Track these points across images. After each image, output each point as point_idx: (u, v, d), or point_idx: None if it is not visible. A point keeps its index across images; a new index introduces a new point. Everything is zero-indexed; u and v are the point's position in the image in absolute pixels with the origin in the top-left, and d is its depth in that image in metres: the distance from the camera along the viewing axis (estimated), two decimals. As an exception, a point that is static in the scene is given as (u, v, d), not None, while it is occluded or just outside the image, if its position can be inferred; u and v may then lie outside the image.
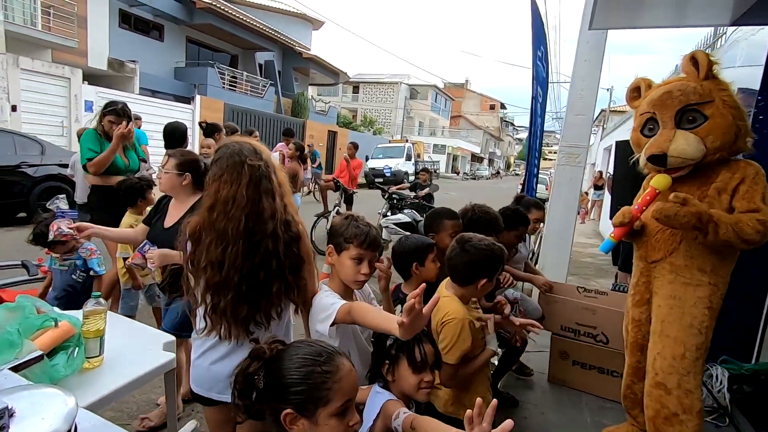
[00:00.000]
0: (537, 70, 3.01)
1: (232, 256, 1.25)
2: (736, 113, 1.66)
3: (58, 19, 10.29)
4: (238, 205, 1.25)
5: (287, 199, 1.36)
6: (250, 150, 1.32)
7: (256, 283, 1.27)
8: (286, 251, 1.29)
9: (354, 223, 1.41)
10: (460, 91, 47.95)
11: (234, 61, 18.50)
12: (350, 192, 6.47)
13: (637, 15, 3.46)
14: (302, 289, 1.37)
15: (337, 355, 0.97)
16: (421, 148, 25.74)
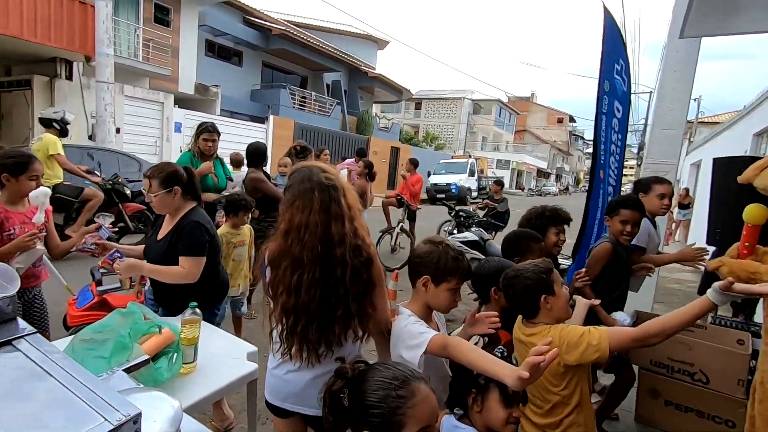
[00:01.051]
0: (614, 84, 2.83)
1: (307, 282, 1.27)
2: None
3: (156, 51, 11.56)
4: (311, 231, 1.27)
5: (357, 222, 1.35)
6: (320, 175, 1.32)
7: (327, 307, 1.29)
8: (353, 277, 1.29)
9: (451, 254, 1.39)
10: (525, 105, 46.63)
11: (304, 82, 19.55)
12: (413, 208, 6.48)
13: (733, 20, 3.17)
14: (369, 315, 1.35)
15: (415, 380, 0.95)
16: (485, 163, 25.24)
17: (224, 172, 3.24)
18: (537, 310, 1.48)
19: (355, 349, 1.43)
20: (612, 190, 2.99)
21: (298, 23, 19.59)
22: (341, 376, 1.01)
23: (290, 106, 16.43)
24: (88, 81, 8.88)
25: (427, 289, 1.41)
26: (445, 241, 1.50)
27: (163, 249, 1.97)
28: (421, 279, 1.41)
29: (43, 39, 7.71)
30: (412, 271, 1.47)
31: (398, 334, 1.37)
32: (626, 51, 3.01)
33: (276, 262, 1.33)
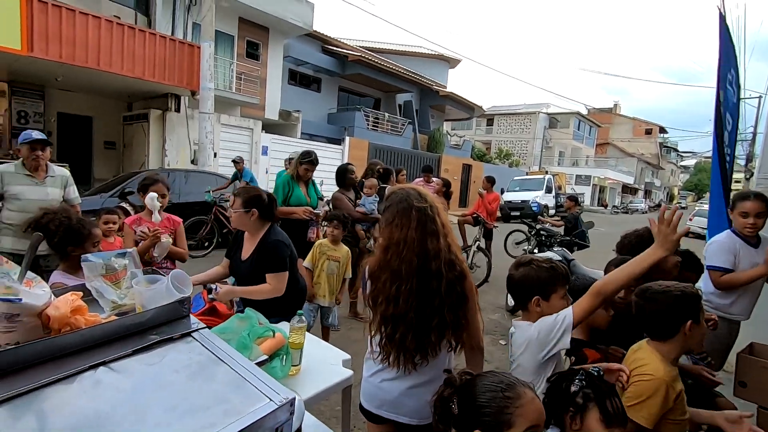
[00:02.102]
0: (726, 95, 2.62)
1: (405, 293, 1.37)
2: None
3: (246, 82, 12.78)
4: (408, 247, 1.39)
5: (450, 239, 1.45)
6: (416, 196, 1.45)
7: (424, 317, 1.38)
8: (448, 289, 1.37)
9: (544, 267, 1.48)
10: (607, 117, 43.74)
11: (377, 103, 20.26)
12: (490, 226, 6.39)
13: None
14: (463, 326, 1.43)
15: (519, 385, 1.01)
16: (563, 179, 23.95)
17: (316, 192, 3.55)
18: (674, 333, 1.40)
19: (447, 359, 1.50)
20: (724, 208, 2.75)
21: (372, 48, 20.48)
22: (450, 384, 1.07)
23: (364, 127, 17.09)
24: (192, 112, 10.06)
25: (541, 308, 1.48)
26: (532, 259, 1.57)
27: (250, 268, 2.22)
28: (532, 301, 1.49)
29: (160, 78, 8.92)
30: (519, 297, 1.55)
31: (538, 337, 1.41)
32: (737, 59, 2.79)
33: (376, 274, 1.45)
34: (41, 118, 10.15)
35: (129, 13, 9.83)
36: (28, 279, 0.82)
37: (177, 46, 9.20)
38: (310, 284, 3.09)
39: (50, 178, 2.91)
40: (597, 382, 1.17)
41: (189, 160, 10.10)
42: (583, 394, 1.16)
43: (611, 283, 1.34)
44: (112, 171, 10.69)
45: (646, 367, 1.38)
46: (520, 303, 1.55)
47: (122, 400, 0.62)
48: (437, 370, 1.41)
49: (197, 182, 7.37)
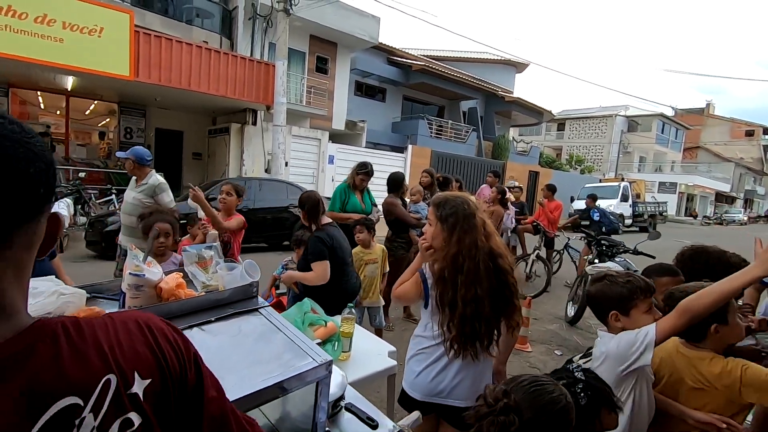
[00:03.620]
0: None
1: (484, 292, 1.52)
2: None
3: (316, 95, 13.60)
4: (481, 250, 1.54)
5: (498, 238, 1.66)
6: (472, 203, 1.63)
7: (498, 310, 1.58)
8: (511, 280, 1.58)
9: (620, 281, 1.50)
10: (697, 118, 39.74)
11: (441, 111, 20.37)
12: (551, 235, 6.25)
13: None
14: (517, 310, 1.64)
15: (556, 384, 1.07)
16: (642, 186, 22.17)
17: (370, 199, 3.83)
18: (704, 335, 1.45)
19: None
20: None
21: (436, 56, 20.67)
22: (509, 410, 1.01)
23: (427, 135, 17.28)
24: (266, 125, 10.94)
25: (622, 323, 1.48)
26: (607, 274, 1.59)
27: (303, 258, 2.74)
28: (610, 316, 1.50)
29: (240, 95, 9.86)
30: (598, 313, 1.57)
31: (608, 353, 1.44)
32: None
33: (447, 278, 1.56)
34: (143, 133, 11.64)
35: (215, 38, 10.98)
36: (149, 261, 1.13)
37: (255, 65, 10.11)
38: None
39: (143, 185, 3.48)
40: (594, 383, 1.24)
41: (263, 169, 10.98)
42: (591, 402, 1.22)
43: (701, 299, 1.29)
44: (198, 179, 11.93)
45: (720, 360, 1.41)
46: (601, 318, 1.56)
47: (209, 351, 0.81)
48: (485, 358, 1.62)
49: (270, 189, 8.04)
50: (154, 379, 0.53)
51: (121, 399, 0.49)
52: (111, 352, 0.50)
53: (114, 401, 0.48)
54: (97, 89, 9.83)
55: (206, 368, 0.63)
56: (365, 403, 1.41)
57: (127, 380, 0.50)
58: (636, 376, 1.42)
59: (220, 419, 0.60)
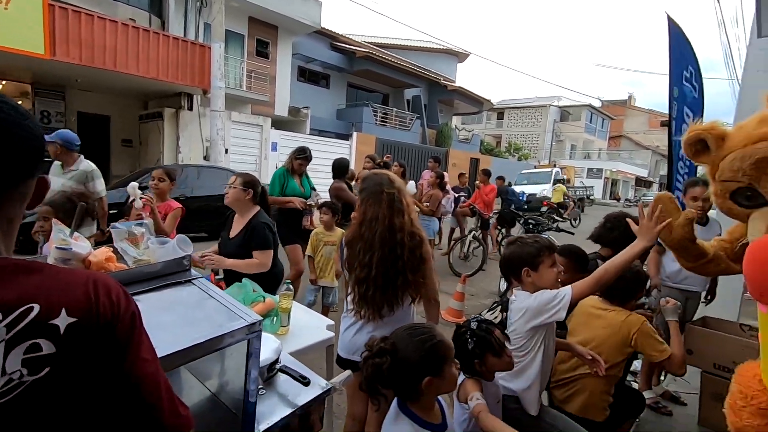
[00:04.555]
0: (683, 90, 2.86)
1: (376, 259, 1.72)
2: None
3: (256, 80, 13.17)
4: (380, 222, 1.73)
5: (412, 216, 1.80)
6: (386, 180, 1.80)
7: (388, 278, 1.73)
8: (410, 255, 1.72)
9: (529, 241, 1.75)
10: (620, 109, 43.13)
11: (386, 99, 20.51)
12: (486, 217, 6.64)
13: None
14: (420, 284, 1.78)
15: (433, 327, 1.28)
16: (572, 172, 23.90)
17: (309, 183, 3.88)
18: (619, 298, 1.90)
19: (411, 312, 1.86)
20: (680, 194, 3.01)
21: (380, 44, 20.69)
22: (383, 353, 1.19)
23: (372, 123, 17.38)
24: (203, 110, 10.47)
25: (532, 278, 1.68)
26: (518, 237, 1.88)
27: (238, 244, 2.43)
28: (523, 273, 1.69)
29: (173, 78, 9.34)
30: (512, 272, 1.75)
31: (528, 307, 1.63)
32: (696, 58, 3.02)
33: (351, 244, 1.81)
34: (62, 117, 10.68)
35: (143, 16, 10.27)
36: (76, 236, 1.14)
37: (189, 47, 9.60)
38: (313, 269, 3.44)
39: (72, 171, 3.29)
40: (480, 333, 1.46)
41: (202, 156, 10.53)
42: (478, 345, 1.45)
43: (609, 272, 1.56)
44: (129, 167, 11.20)
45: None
46: (515, 277, 1.74)
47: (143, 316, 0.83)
48: (400, 321, 1.74)
49: (210, 177, 7.77)
50: (81, 320, 0.60)
51: (38, 325, 0.56)
52: (45, 289, 0.58)
53: (31, 325, 0.56)
54: (5, 68, 8.87)
55: (144, 332, 0.69)
56: (300, 366, 1.52)
57: (51, 312, 0.57)
58: (547, 328, 1.67)
59: (150, 382, 0.66)
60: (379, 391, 1.21)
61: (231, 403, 1.23)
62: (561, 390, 1.96)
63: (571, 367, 1.95)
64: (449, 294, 4.85)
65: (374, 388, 1.21)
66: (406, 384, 1.20)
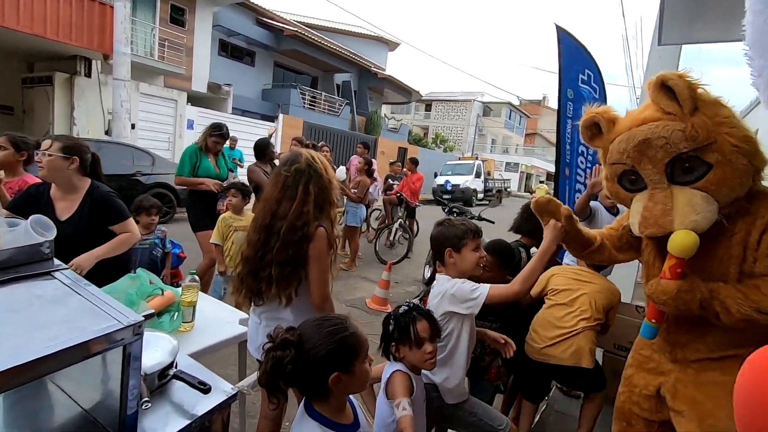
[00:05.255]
0: (580, 92, 3.10)
1: (254, 241, 1.60)
2: (748, 148, 1.20)
3: (171, 50, 11.95)
4: (268, 204, 1.60)
5: (309, 208, 1.55)
6: (291, 161, 1.60)
7: (261, 266, 1.58)
8: (281, 248, 1.54)
9: (456, 223, 1.70)
10: (536, 108, 46.45)
11: (315, 82, 19.89)
12: (412, 205, 6.70)
13: (715, 29, 3.32)
14: (291, 283, 1.56)
15: (346, 319, 1.14)
16: (492, 165, 25.31)
17: (226, 164, 3.55)
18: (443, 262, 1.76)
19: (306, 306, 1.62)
20: (583, 188, 3.24)
21: (310, 24, 19.95)
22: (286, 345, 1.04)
23: (300, 106, 16.77)
24: (105, 78, 9.27)
25: (454, 259, 1.66)
26: (447, 219, 1.80)
27: (83, 224, 1.91)
28: (446, 254, 1.67)
29: (64, 38, 8.10)
30: (436, 252, 1.73)
31: (445, 291, 1.61)
32: (594, 62, 3.23)
33: (253, 219, 1.69)
34: None
35: (27, -39, 8.74)
36: None
37: (86, 3, 8.38)
38: (221, 259, 3.12)
39: None
40: (401, 320, 1.39)
41: (102, 130, 9.35)
42: (399, 328, 1.39)
43: (526, 281, 1.56)
44: (10, 139, 9.60)
45: None
46: (439, 257, 1.73)
47: None
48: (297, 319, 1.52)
49: (112, 154, 6.88)
50: None
51: None
52: None
53: None
54: None
55: None
56: (202, 370, 1.32)
57: None
58: (464, 319, 1.64)
59: None
60: (278, 388, 1.05)
61: (107, 421, 1.01)
62: (559, 348, 2.07)
63: (566, 325, 2.09)
64: (374, 282, 4.80)
65: (274, 385, 1.04)
66: (312, 381, 1.06)
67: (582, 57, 3.15)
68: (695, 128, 1.20)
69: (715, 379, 1.34)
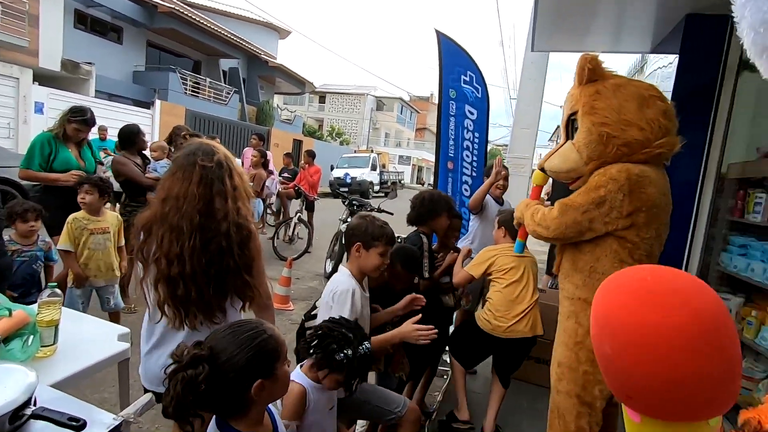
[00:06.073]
0: (463, 92, 3.42)
1: (188, 251, 1.30)
2: (596, 119, 1.54)
3: (8, 17, 9.84)
4: (189, 202, 1.31)
5: (241, 203, 1.42)
6: (206, 151, 1.37)
7: (209, 277, 1.33)
8: (240, 251, 1.36)
9: (377, 223, 1.68)
10: (425, 104, 49.02)
11: (197, 66, 18.20)
12: (311, 198, 6.57)
13: (575, 40, 3.83)
14: (249, 285, 1.41)
15: (260, 322, 1.07)
16: (386, 158, 26.13)
17: (93, 155, 3.02)
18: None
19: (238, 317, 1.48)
20: (471, 180, 3.53)
21: (191, 3, 18.13)
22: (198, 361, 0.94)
23: (181, 92, 15.21)
24: None
25: (360, 254, 1.69)
26: (371, 215, 1.78)
27: None
28: (354, 246, 1.69)
29: None
30: (347, 241, 1.73)
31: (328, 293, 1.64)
32: (475, 64, 3.52)
33: (152, 228, 1.35)
34: None
35: None
36: None
37: None
38: (76, 267, 2.62)
39: None
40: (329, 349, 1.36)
41: None
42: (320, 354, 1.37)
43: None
44: None
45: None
46: (347, 246, 1.74)
47: None
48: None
49: None
50: None
51: None
52: None
53: None
54: None
55: None
56: (71, 402, 1.10)
57: None
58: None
59: None
60: (192, 412, 0.93)
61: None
62: (522, 323, 2.26)
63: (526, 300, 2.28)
64: (275, 279, 4.60)
65: (186, 411, 0.92)
66: (231, 395, 0.96)
67: (463, 59, 3.42)
68: (574, 96, 1.63)
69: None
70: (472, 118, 3.41)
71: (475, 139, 3.43)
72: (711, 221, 2.93)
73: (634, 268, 0.64)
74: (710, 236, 2.94)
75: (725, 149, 2.89)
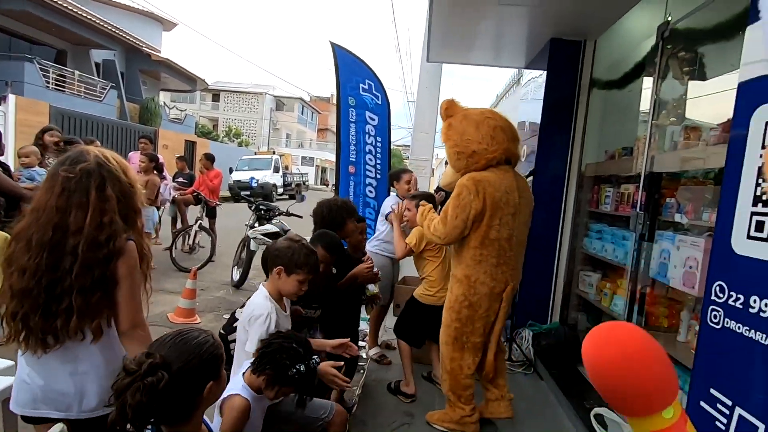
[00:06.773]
0: (363, 99, 3.66)
1: (33, 267, 1.18)
2: (450, 143, 2.25)
3: None
4: (47, 215, 1.20)
5: (110, 217, 1.24)
6: (74, 160, 1.24)
7: (52, 298, 1.20)
8: (81, 270, 1.19)
9: (303, 251, 1.69)
10: (326, 105, 48.89)
11: (62, 57, 15.84)
12: (213, 204, 6.23)
13: (463, 54, 4.25)
14: (99, 312, 1.23)
15: (199, 329, 1.12)
16: (289, 160, 25.51)
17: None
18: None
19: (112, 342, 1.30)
20: (375, 182, 3.75)
21: (48, -18, 15.68)
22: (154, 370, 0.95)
23: (42, 86, 13.13)
24: None
25: (280, 278, 1.71)
26: (302, 240, 1.79)
27: None
28: (276, 269, 1.70)
29: None
30: (270, 261, 1.75)
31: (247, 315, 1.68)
32: (374, 73, 3.75)
33: (15, 238, 1.23)
34: None
35: None
36: None
37: None
38: None
39: None
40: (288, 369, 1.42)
41: None
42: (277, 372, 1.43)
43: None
44: None
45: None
46: (269, 266, 1.75)
47: None
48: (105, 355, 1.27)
49: None
50: None
51: None
52: None
53: None
54: None
55: None
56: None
57: None
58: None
59: None
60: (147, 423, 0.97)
61: None
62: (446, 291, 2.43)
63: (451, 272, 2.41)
64: (176, 293, 4.29)
65: (146, 420, 0.96)
66: (184, 400, 1.01)
67: (360, 69, 3.63)
68: (443, 131, 2.31)
69: None
70: (373, 123, 3.62)
71: (378, 143, 3.63)
72: (575, 212, 3.51)
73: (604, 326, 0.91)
74: (576, 224, 3.52)
75: (583, 151, 3.48)
